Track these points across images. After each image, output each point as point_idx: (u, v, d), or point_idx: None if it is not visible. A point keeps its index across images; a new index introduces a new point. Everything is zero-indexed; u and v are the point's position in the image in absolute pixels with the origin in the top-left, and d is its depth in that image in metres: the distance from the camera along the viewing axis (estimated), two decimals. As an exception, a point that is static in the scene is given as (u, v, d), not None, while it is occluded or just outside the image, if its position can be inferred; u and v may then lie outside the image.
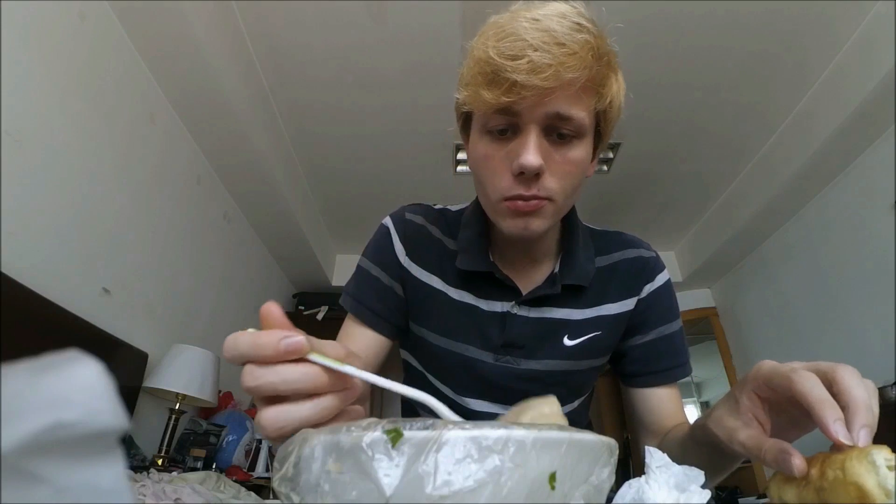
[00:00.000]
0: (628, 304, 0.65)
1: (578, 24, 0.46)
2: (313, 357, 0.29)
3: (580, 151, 0.52)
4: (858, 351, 2.38)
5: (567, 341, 0.63)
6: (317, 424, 0.29)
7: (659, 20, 1.94)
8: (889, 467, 0.27)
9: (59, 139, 1.48)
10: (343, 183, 3.03)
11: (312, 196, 3.16)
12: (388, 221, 0.69)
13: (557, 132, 0.50)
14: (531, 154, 0.48)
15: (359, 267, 0.68)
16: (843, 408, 0.31)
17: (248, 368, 0.30)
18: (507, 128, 0.51)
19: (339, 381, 0.30)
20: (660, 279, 0.67)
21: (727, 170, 2.90)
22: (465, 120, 0.58)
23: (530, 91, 0.45)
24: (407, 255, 0.67)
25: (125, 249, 1.79)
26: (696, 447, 0.51)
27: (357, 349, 0.63)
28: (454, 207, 0.72)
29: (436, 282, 0.65)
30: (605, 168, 2.88)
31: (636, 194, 3.15)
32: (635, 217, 3.41)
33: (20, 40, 1.33)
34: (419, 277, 0.66)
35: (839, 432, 0.30)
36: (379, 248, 0.68)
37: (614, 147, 2.70)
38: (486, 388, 0.64)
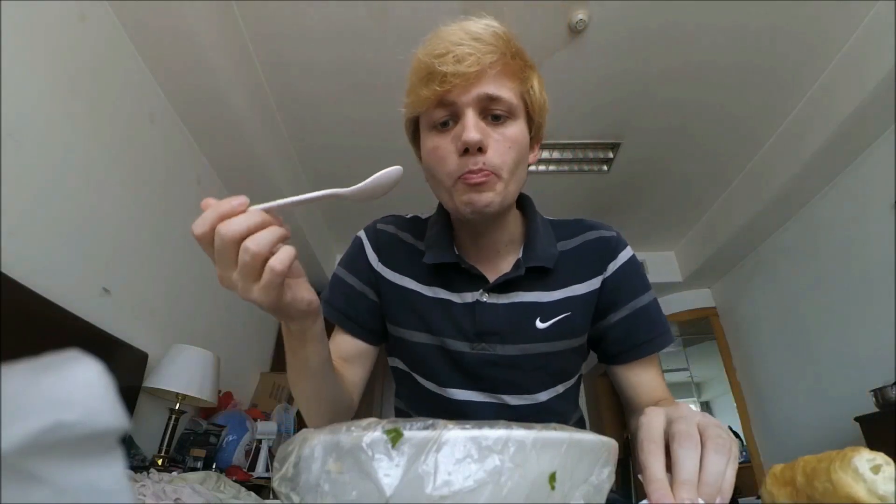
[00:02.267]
0: (594, 284, 0.68)
1: (489, 24, 0.57)
2: (252, 207, 0.41)
3: (515, 129, 0.59)
4: (858, 351, 2.39)
5: (539, 324, 0.66)
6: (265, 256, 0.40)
7: (661, 21, 1.94)
8: (873, 469, 0.27)
9: (59, 139, 1.48)
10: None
11: (312, 196, 3.15)
12: (361, 233, 0.76)
13: (492, 114, 0.58)
14: (471, 130, 0.55)
15: (334, 275, 0.74)
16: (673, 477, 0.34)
17: (218, 225, 0.40)
18: (448, 118, 0.58)
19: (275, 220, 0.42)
20: (623, 256, 0.70)
21: (727, 170, 2.90)
22: (414, 130, 0.65)
23: (459, 78, 0.54)
24: (380, 261, 0.72)
25: (125, 249, 1.79)
26: None
27: (339, 352, 0.69)
28: (424, 215, 0.78)
29: (408, 282, 0.70)
30: (605, 168, 2.88)
31: (636, 194, 3.15)
32: (635, 217, 3.41)
33: (20, 40, 1.33)
34: (392, 280, 0.71)
35: None
36: (353, 258, 0.73)
37: (614, 147, 2.70)
38: (467, 377, 0.67)
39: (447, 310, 0.67)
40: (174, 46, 1.79)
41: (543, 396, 0.69)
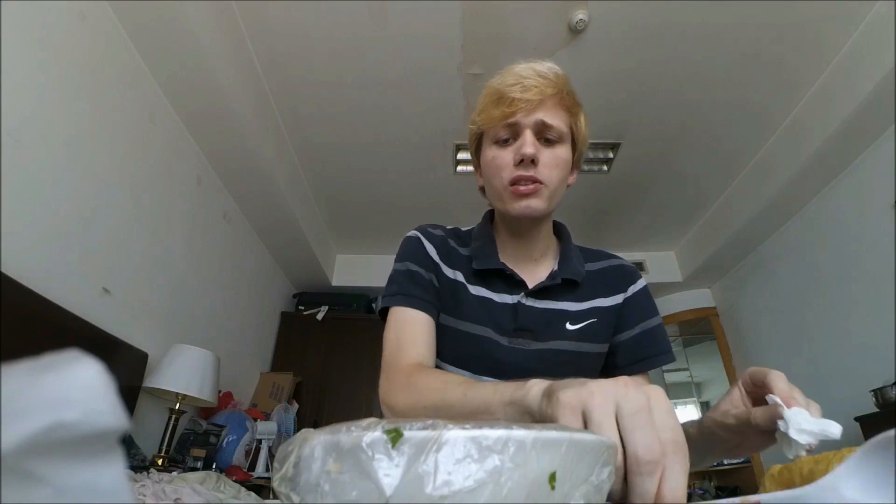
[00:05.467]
0: (617, 300, 0.80)
1: (552, 67, 0.71)
2: None
3: (562, 151, 0.73)
4: (858, 350, 2.39)
5: (569, 326, 0.77)
6: None
7: (661, 21, 1.94)
8: None
9: (59, 139, 1.48)
10: (344, 182, 3.04)
11: (312, 196, 3.16)
12: (414, 233, 0.84)
13: (545, 137, 0.71)
14: (528, 146, 0.69)
15: (397, 271, 0.80)
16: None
17: None
18: (510, 136, 0.72)
19: None
20: (640, 283, 0.83)
21: (727, 170, 2.90)
22: (478, 143, 0.78)
23: (524, 104, 0.68)
24: (437, 254, 0.82)
25: (125, 249, 1.79)
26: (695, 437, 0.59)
27: (421, 333, 0.74)
28: (464, 228, 0.90)
29: (459, 276, 0.80)
30: (605, 168, 2.88)
31: (637, 194, 3.15)
32: (636, 217, 3.41)
33: (20, 40, 1.33)
34: (446, 274, 0.81)
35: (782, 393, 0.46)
36: (414, 251, 0.82)
37: (614, 147, 2.70)
38: (501, 369, 0.75)
39: (487, 307, 0.77)
40: (174, 46, 1.79)
41: None
